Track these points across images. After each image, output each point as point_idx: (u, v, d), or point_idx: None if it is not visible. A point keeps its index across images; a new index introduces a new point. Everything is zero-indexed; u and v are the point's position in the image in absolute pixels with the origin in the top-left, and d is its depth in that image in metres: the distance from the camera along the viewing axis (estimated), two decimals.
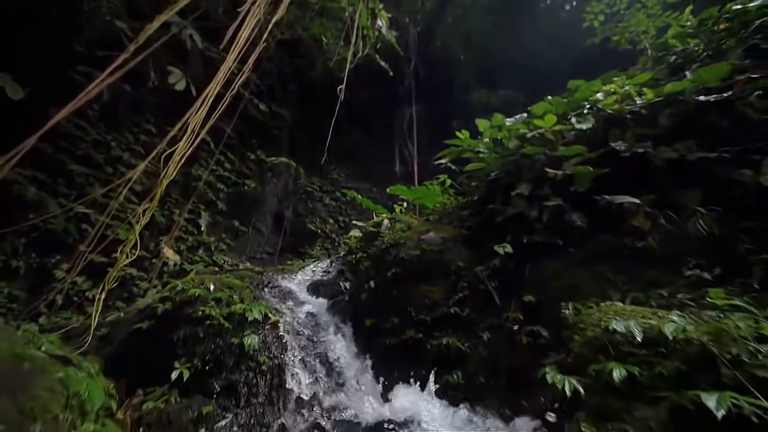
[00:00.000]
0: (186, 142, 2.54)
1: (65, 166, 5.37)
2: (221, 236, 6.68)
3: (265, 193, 7.31)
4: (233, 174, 7.24)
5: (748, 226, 2.15)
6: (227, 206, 6.90)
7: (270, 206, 7.39)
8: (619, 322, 1.46)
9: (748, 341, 1.26)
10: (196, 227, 6.48)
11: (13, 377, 1.30)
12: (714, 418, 1.04)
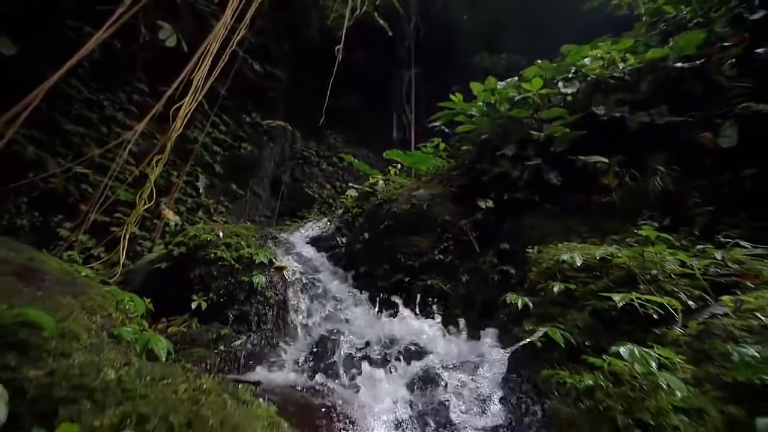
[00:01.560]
0: (191, 98, 2.72)
1: (60, 126, 5.48)
2: (219, 199, 6.94)
3: (262, 156, 7.46)
4: (229, 137, 7.35)
5: (701, 184, 2.47)
6: (224, 169, 7.10)
7: (267, 170, 7.58)
8: (566, 254, 1.81)
9: (665, 265, 1.62)
10: (194, 189, 6.71)
11: (71, 285, 1.63)
12: (619, 311, 1.41)
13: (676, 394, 0.96)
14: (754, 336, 1.11)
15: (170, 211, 6.08)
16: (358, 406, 1.14)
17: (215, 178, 6.86)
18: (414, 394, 1.44)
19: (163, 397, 0.83)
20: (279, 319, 2.56)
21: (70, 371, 0.88)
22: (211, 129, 7.02)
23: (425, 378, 1.58)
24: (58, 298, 1.36)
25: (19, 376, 0.95)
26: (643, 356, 1.03)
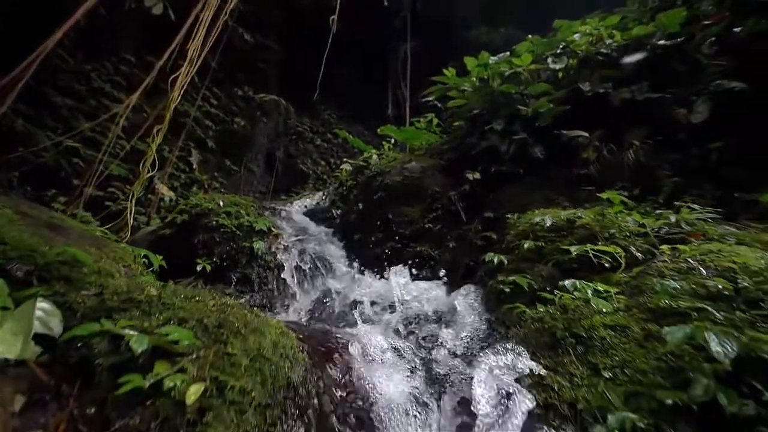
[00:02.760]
0: (187, 69, 2.82)
1: (48, 98, 5.48)
2: (213, 174, 7.05)
3: (255, 132, 7.52)
4: (221, 111, 7.36)
5: (673, 157, 2.70)
6: (217, 144, 7.16)
7: (261, 146, 7.65)
8: (538, 216, 2.05)
9: (623, 225, 1.87)
10: (187, 165, 6.80)
11: (93, 239, 1.84)
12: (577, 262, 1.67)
13: (605, 315, 1.22)
14: (680, 274, 1.38)
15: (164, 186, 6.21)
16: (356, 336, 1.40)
17: (208, 153, 6.94)
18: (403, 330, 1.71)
19: (196, 308, 1.07)
20: (278, 281, 2.81)
21: (118, 289, 1.11)
22: (202, 103, 7.02)
23: (412, 321, 1.85)
24: (86, 246, 1.57)
25: (69, 300, 1.17)
26: (582, 287, 1.29)
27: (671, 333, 1.01)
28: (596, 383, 1.04)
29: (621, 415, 0.91)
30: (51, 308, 1.09)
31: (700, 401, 0.90)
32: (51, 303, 1.11)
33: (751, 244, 1.60)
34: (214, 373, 0.92)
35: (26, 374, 0.92)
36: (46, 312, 1.07)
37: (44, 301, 1.09)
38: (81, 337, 1.00)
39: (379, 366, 1.25)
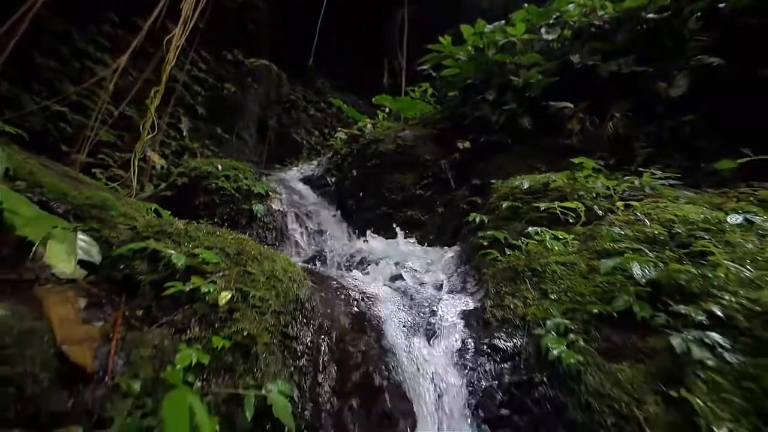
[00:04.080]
0: (181, 29, 2.88)
1: (33, 61, 5.38)
2: (204, 142, 7.09)
3: (247, 99, 7.47)
4: (210, 76, 7.27)
5: (649, 129, 2.94)
6: (207, 111, 7.14)
7: (252, 114, 7.64)
8: (518, 180, 2.30)
9: (591, 187, 2.13)
10: (177, 132, 6.82)
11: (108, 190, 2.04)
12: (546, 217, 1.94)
13: (558, 255, 1.50)
14: (627, 225, 1.66)
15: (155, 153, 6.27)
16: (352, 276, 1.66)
17: (198, 120, 6.94)
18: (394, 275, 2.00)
19: (218, 240, 1.31)
20: (277, 241, 3.06)
21: (150, 223, 1.34)
22: (191, 67, 6.93)
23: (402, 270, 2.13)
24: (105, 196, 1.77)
25: (103, 235, 1.40)
26: (543, 233, 1.56)
27: (605, 263, 1.29)
28: (544, 303, 1.33)
29: (557, 321, 1.20)
30: (89, 240, 1.33)
31: (619, 310, 1.19)
32: (89, 236, 1.34)
33: (699, 204, 1.88)
34: (238, 285, 1.17)
35: (80, 287, 1.17)
36: (86, 242, 1.30)
37: (83, 234, 1.32)
38: (124, 258, 1.24)
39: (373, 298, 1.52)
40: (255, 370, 1.05)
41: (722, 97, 2.86)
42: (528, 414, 1.02)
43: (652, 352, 1.08)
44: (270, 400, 0.99)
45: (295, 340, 1.18)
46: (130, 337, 1.00)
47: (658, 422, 0.92)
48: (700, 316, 1.11)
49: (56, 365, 0.85)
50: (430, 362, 1.16)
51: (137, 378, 0.91)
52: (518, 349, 1.19)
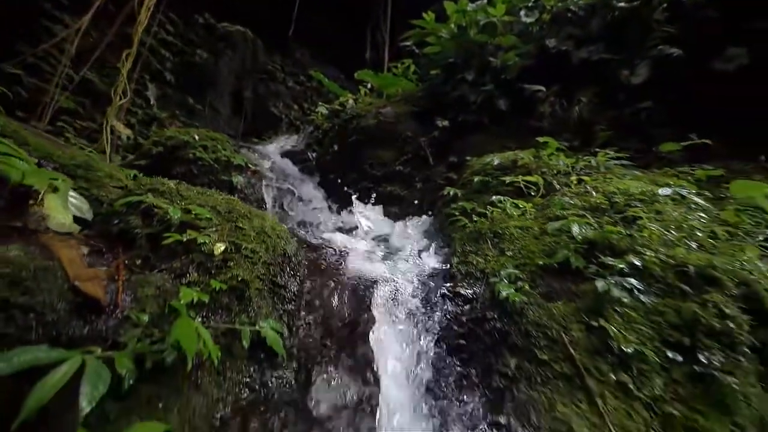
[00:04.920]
0: None
1: None
2: (174, 112, 6.83)
3: (219, 66, 7.20)
4: (179, 40, 6.92)
5: (611, 114, 3.24)
6: (176, 78, 6.84)
7: (227, 83, 7.39)
8: (489, 158, 2.52)
9: (553, 164, 2.39)
10: (144, 100, 6.52)
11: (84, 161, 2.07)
12: (511, 190, 2.18)
13: (516, 220, 1.75)
14: (577, 196, 1.92)
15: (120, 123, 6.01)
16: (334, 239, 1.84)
17: (167, 87, 6.65)
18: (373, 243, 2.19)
19: (208, 198, 1.44)
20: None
21: (141, 181, 1.44)
22: (158, 29, 6.55)
23: (380, 239, 2.33)
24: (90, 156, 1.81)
25: (93, 194, 1.49)
26: (504, 201, 1.80)
27: (551, 224, 1.54)
28: (501, 259, 1.57)
29: (509, 271, 1.45)
30: (80, 197, 1.41)
31: (559, 262, 1.45)
32: (78, 194, 1.42)
33: (641, 180, 2.18)
34: (231, 239, 1.32)
35: (79, 238, 1.27)
36: (77, 200, 1.39)
37: (73, 192, 1.40)
38: (117, 213, 1.35)
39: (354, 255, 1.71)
40: (249, 310, 1.22)
41: (677, 87, 3.19)
42: (480, 342, 1.26)
43: (582, 294, 1.35)
44: (263, 334, 1.17)
45: (283, 288, 1.35)
46: (135, 279, 1.14)
47: (580, 344, 1.19)
48: (623, 266, 1.39)
49: (71, 297, 0.99)
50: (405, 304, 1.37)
51: (145, 312, 1.06)
52: (477, 294, 1.43)
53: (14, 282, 0.90)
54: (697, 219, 1.80)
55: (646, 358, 1.16)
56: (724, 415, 1.12)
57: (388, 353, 1.24)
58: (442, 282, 1.56)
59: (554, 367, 1.13)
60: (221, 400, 1.02)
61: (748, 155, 3.08)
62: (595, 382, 1.09)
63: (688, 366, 1.18)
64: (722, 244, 1.66)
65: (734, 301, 1.36)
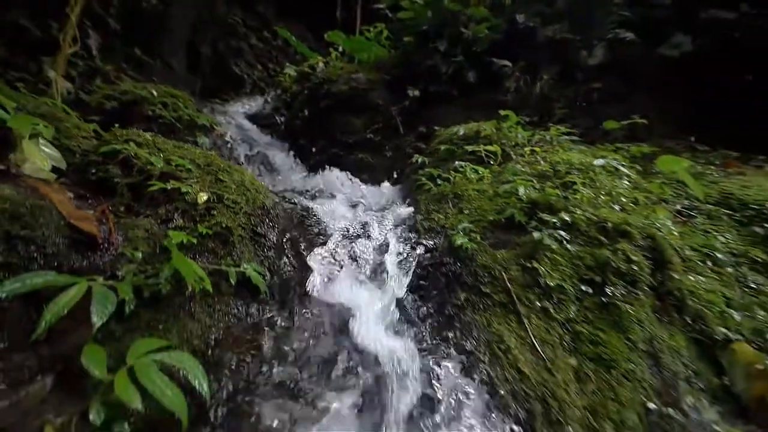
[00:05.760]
0: None
1: None
2: (120, 65, 6.28)
3: (171, 15, 6.65)
4: None
5: (567, 93, 3.60)
6: (122, 27, 6.25)
7: (180, 35, 6.88)
8: (456, 128, 2.76)
9: (512, 136, 2.68)
10: (85, 50, 5.94)
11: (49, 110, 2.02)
12: (473, 159, 2.46)
13: (474, 183, 2.02)
14: (528, 165, 2.23)
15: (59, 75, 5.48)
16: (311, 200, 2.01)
17: (112, 37, 6.05)
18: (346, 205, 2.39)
19: (186, 152, 1.54)
20: None
21: (116, 133, 1.50)
22: None
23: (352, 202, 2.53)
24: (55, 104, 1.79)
25: (64, 143, 1.54)
26: (465, 166, 2.06)
27: (502, 187, 1.83)
28: (459, 216, 1.85)
29: (465, 225, 1.73)
30: (51, 146, 1.46)
31: (506, 218, 1.75)
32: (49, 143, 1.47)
33: (585, 153, 2.54)
34: (213, 190, 1.46)
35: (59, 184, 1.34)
36: (50, 149, 1.45)
37: (43, 140, 1.45)
38: (93, 163, 1.43)
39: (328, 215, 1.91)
40: (233, 254, 1.39)
41: (628, 69, 3.58)
42: (437, 281, 1.55)
43: (522, 243, 1.66)
44: (248, 274, 1.36)
45: (263, 237, 1.53)
46: (123, 222, 1.26)
47: (516, 280, 1.51)
48: (556, 221, 1.71)
49: (68, 233, 1.10)
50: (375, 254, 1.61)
51: (138, 250, 1.20)
52: (437, 245, 1.71)
53: (14, 216, 1.00)
54: (624, 187, 2.19)
55: (565, 290, 1.50)
56: (621, 333, 1.51)
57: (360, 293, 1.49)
58: (408, 235, 1.81)
59: (494, 297, 1.44)
60: (213, 325, 1.22)
61: (681, 135, 3.60)
62: (524, 307, 1.42)
63: (597, 297, 1.54)
64: (640, 208, 2.06)
65: (640, 250, 1.75)
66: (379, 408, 1.04)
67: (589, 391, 1.22)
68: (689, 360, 1.57)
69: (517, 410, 1.08)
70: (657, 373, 1.40)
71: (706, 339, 1.69)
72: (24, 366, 0.93)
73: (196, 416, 0.99)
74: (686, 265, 1.87)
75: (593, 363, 1.32)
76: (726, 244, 2.22)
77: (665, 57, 3.61)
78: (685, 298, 1.71)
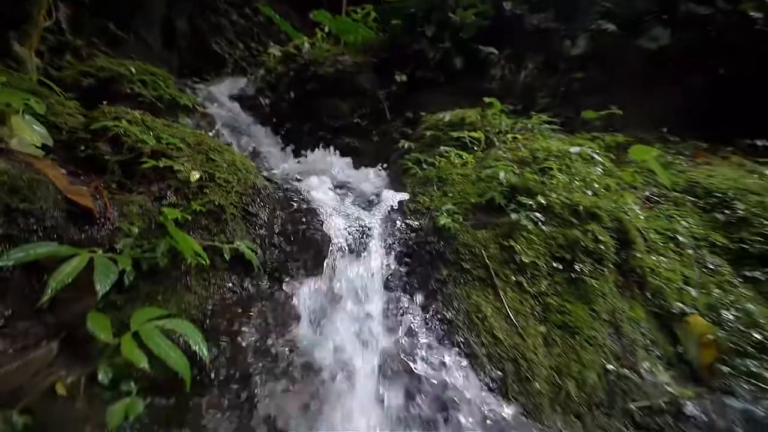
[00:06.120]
0: None
1: None
2: (91, 40, 6.00)
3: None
4: None
5: (550, 82, 3.74)
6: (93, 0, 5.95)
7: (156, 9, 6.60)
8: (442, 114, 2.86)
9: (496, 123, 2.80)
10: (55, 24, 5.63)
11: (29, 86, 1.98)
12: (457, 145, 2.57)
13: (458, 168, 2.14)
14: (510, 151, 2.36)
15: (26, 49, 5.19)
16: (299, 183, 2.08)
17: (83, 10, 5.74)
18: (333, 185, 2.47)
19: (176, 131, 1.58)
20: None
21: (105, 110, 1.52)
22: None
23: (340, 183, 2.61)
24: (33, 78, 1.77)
25: (50, 121, 1.54)
26: (450, 151, 2.17)
27: (484, 171, 1.95)
28: (443, 199, 1.96)
29: (448, 207, 1.85)
30: (38, 123, 1.47)
31: (487, 200, 1.88)
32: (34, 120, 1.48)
33: (563, 141, 2.69)
34: (204, 169, 1.51)
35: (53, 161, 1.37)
36: (36, 125, 1.46)
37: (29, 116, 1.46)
38: (82, 140, 1.45)
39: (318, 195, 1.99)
40: (226, 231, 1.46)
41: (608, 60, 3.74)
42: (422, 258, 1.67)
43: (501, 224, 1.80)
44: (241, 250, 1.44)
45: (255, 216, 1.60)
46: (118, 198, 1.30)
47: (494, 257, 1.65)
48: (533, 204, 1.86)
49: (65, 207, 1.15)
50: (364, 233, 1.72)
51: (134, 225, 1.26)
52: (422, 225, 1.82)
53: (12, 189, 1.04)
54: (597, 174, 2.36)
55: (538, 266, 1.66)
56: (586, 304, 1.68)
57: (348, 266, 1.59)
58: (395, 216, 1.92)
59: (473, 272, 1.58)
60: (210, 297, 1.30)
61: (655, 126, 3.82)
62: (500, 282, 1.56)
63: (566, 273, 1.70)
64: (610, 193, 2.23)
65: (608, 231, 1.92)
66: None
67: (555, 354, 1.38)
68: (647, 330, 1.77)
69: (492, 370, 1.22)
70: (617, 341, 1.58)
71: (663, 312, 1.89)
72: (29, 332, 0.99)
73: (197, 379, 1.08)
74: (649, 246, 2.06)
75: (560, 330, 1.48)
76: (688, 229, 2.44)
77: (644, 49, 3.79)
78: (646, 275, 1.90)
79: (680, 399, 1.45)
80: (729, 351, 1.82)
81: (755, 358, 1.83)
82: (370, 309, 1.43)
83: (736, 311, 2.00)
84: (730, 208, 2.61)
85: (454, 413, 1.09)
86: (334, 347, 1.26)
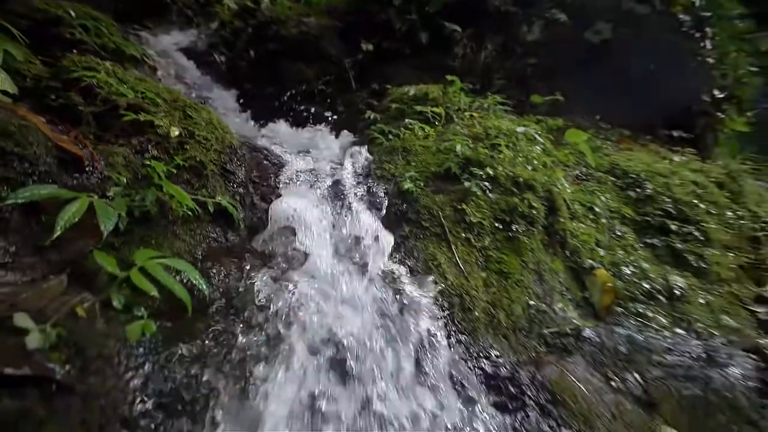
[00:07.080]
0: None
1: None
2: None
3: None
4: None
5: (507, 65, 4.14)
6: None
7: None
8: (407, 88, 3.11)
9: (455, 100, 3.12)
10: None
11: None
12: (421, 120, 2.86)
13: (420, 140, 2.44)
14: (466, 127, 2.70)
15: None
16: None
17: None
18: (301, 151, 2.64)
19: (151, 86, 1.66)
20: None
21: (74, 59, 1.55)
22: None
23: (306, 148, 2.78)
24: None
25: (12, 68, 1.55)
26: (413, 124, 2.45)
27: (444, 144, 2.27)
28: (407, 167, 2.26)
29: (411, 174, 2.15)
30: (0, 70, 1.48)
31: (445, 170, 2.22)
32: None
33: (513, 122, 3.11)
34: (183, 125, 1.63)
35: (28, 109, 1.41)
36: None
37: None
38: (52, 89, 1.49)
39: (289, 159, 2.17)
40: (207, 186, 1.62)
41: (558, 49, 4.20)
42: (387, 218, 1.97)
43: (456, 191, 2.15)
44: (223, 204, 1.62)
45: (233, 174, 1.76)
46: (102, 149, 1.40)
47: (449, 217, 2.01)
48: (482, 174, 2.23)
49: (56, 153, 1.24)
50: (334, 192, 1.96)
51: (122, 175, 1.38)
52: (388, 190, 2.12)
53: (5, 133, 1.13)
54: (537, 152, 2.81)
55: (484, 226, 2.05)
56: (518, 256, 2.12)
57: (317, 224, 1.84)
58: (363, 181, 2.19)
59: (431, 230, 1.92)
60: (198, 245, 1.48)
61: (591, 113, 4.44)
62: (453, 237, 1.93)
63: (505, 232, 2.12)
64: (546, 169, 2.69)
65: (540, 200, 2.37)
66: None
67: (491, 292, 1.79)
68: (563, 280, 2.28)
69: (443, 302, 1.59)
70: (539, 285, 2.05)
71: (577, 266, 2.43)
72: (36, 267, 1.13)
73: (198, 309, 1.29)
74: (572, 213, 2.58)
75: (497, 275, 1.90)
76: (605, 202, 3.02)
77: (588, 41, 4.32)
78: (567, 237, 2.41)
79: (581, 327, 1.96)
80: (624, 297, 2.41)
81: (643, 303, 2.45)
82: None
83: (633, 268, 2.61)
84: (641, 187, 3.26)
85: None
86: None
